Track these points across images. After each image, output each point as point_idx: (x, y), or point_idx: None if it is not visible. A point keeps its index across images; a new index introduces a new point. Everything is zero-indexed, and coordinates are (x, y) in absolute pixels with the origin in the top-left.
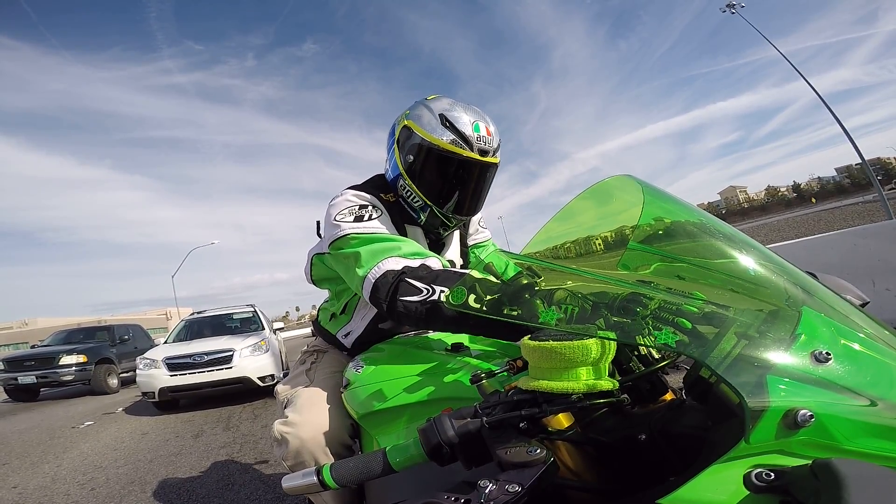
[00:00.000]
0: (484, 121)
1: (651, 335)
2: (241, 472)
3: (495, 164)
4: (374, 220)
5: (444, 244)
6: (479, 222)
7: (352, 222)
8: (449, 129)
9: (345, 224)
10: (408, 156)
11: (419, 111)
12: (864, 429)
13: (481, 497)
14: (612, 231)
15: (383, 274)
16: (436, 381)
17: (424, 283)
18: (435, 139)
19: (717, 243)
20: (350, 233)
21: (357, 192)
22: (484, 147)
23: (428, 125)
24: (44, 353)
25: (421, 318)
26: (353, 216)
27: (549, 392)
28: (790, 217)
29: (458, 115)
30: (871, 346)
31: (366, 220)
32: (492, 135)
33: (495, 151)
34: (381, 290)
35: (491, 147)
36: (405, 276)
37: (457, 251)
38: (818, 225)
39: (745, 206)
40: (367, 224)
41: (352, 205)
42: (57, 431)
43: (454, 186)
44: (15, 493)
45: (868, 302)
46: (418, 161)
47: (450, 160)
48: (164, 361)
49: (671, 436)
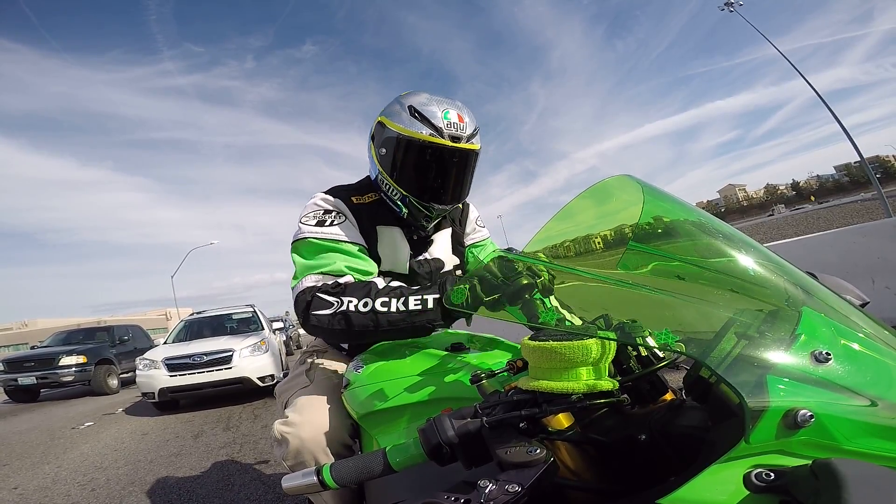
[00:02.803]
0: (456, 108)
1: (651, 335)
2: (241, 473)
3: (471, 150)
4: (335, 225)
5: (431, 242)
6: (477, 221)
7: (313, 226)
8: (418, 119)
9: (305, 227)
10: (381, 149)
11: (392, 107)
12: (864, 429)
13: (481, 497)
14: (612, 231)
15: (302, 290)
16: (436, 381)
17: (334, 297)
18: (403, 129)
19: (717, 243)
20: (307, 236)
21: (327, 196)
22: (455, 133)
23: (398, 118)
24: (44, 354)
25: (333, 329)
26: (315, 220)
27: (549, 392)
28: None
29: (427, 105)
30: (871, 346)
31: (327, 225)
32: (464, 121)
33: (470, 138)
34: (299, 304)
35: (463, 133)
36: (317, 292)
37: (447, 250)
38: (817, 223)
39: (745, 204)
40: (327, 229)
41: (318, 209)
42: (57, 432)
43: (429, 175)
44: (15, 494)
45: (868, 302)
46: (390, 153)
47: (420, 149)
48: (163, 362)
49: (671, 436)
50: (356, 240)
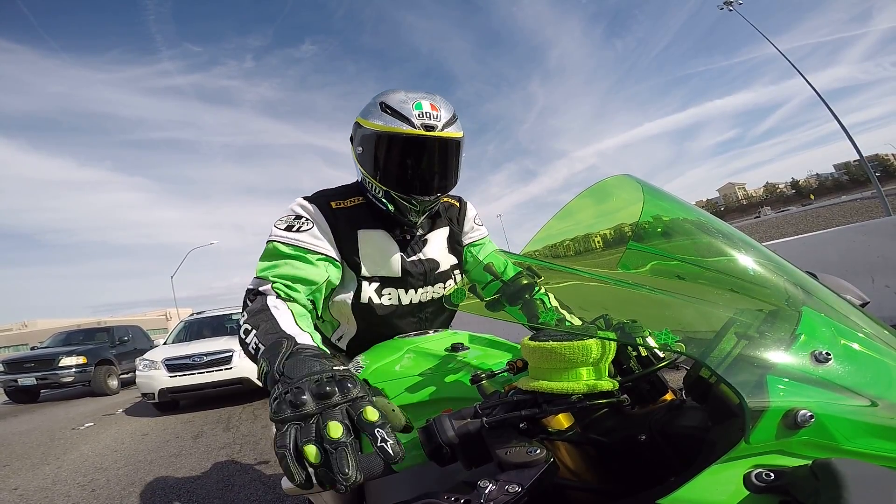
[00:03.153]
0: (429, 98)
1: (651, 335)
2: (242, 473)
3: (448, 138)
4: (302, 231)
5: (426, 242)
6: (474, 220)
7: (282, 231)
8: (388, 112)
9: (275, 230)
10: (358, 148)
11: (367, 107)
12: (863, 429)
13: (481, 497)
14: (612, 230)
15: (247, 290)
16: (436, 381)
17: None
18: (376, 125)
19: (717, 243)
20: (273, 240)
21: (304, 202)
22: (429, 123)
23: (372, 116)
24: (44, 354)
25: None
26: (285, 225)
27: (548, 392)
28: (787, 214)
29: (399, 100)
30: (871, 346)
31: (294, 230)
32: (438, 110)
33: (446, 126)
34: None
35: (438, 122)
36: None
37: (443, 250)
38: (817, 222)
39: (744, 202)
40: (292, 234)
41: (290, 214)
42: (57, 433)
43: (406, 167)
44: (16, 494)
45: (868, 302)
46: (367, 151)
47: (392, 140)
48: (163, 362)
49: (671, 436)
50: (319, 248)
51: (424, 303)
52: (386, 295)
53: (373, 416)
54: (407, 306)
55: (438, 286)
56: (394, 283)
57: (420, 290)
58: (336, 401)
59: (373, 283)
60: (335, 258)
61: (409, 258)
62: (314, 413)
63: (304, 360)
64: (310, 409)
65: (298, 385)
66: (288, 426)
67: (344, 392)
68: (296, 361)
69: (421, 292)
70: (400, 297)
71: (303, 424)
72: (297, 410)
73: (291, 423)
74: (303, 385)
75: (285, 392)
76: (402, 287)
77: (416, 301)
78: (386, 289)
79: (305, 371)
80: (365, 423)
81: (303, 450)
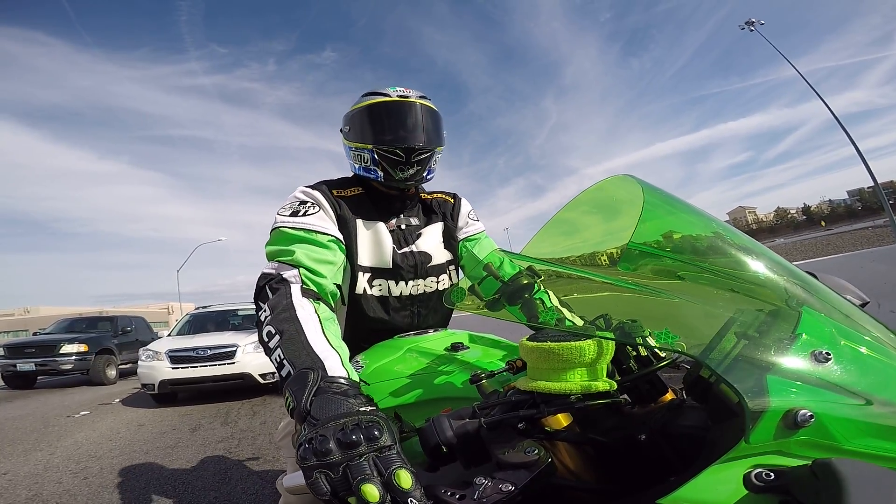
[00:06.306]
0: (404, 86)
1: (651, 335)
2: (239, 467)
3: (423, 103)
4: (309, 216)
5: (420, 235)
6: (469, 214)
7: (287, 216)
8: (369, 95)
9: (280, 217)
10: (346, 128)
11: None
12: (863, 429)
13: (475, 493)
14: (612, 230)
15: (259, 276)
16: (435, 380)
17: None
18: (357, 106)
19: (718, 242)
20: (280, 226)
21: (307, 189)
22: (404, 94)
23: (355, 104)
24: (45, 340)
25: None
26: (290, 211)
27: (546, 392)
28: (798, 240)
29: (377, 88)
30: (871, 346)
31: (300, 215)
32: (411, 90)
33: (420, 98)
34: (255, 288)
35: (412, 94)
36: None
37: (437, 244)
38: (826, 248)
39: (754, 227)
40: (300, 219)
41: (294, 201)
42: (51, 420)
43: (386, 125)
44: (5, 479)
45: (868, 302)
46: (354, 125)
47: (373, 107)
48: (166, 354)
49: (671, 436)
50: (329, 230)
51: (416, 296)
52: (377, 286)
53: (406, 484)
54: (397, 298)
55: (431, 280)
56: (384, 274)
57: (411, 282)
58: (362, 451)
59: (366, 272)
60: (343, 242)
61: (400, 250)
62: (340, 462)
63: (331, 399)
64: (335, 458)
65: (323, 433)
66: (315, 474)
67: (370, 441)
68: (322, 401)
69: (412, 285)
70: (390, 288)
71: (331, 473)
72: (322, 459)
73: (317, 470)
74: (328, 433)
75: (310, 438)
76: (393, 278)
77: (407, 294)
78: (377, 279)
79: (332, 413)
80: (398, 491)
81: None
